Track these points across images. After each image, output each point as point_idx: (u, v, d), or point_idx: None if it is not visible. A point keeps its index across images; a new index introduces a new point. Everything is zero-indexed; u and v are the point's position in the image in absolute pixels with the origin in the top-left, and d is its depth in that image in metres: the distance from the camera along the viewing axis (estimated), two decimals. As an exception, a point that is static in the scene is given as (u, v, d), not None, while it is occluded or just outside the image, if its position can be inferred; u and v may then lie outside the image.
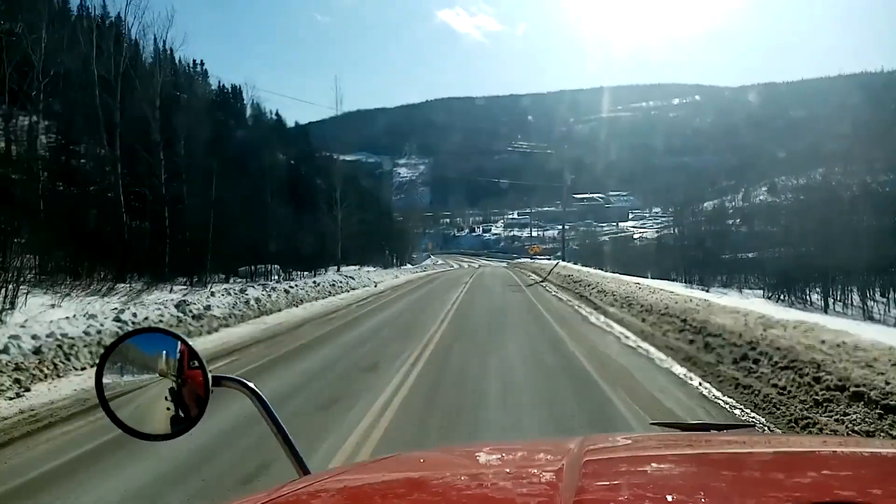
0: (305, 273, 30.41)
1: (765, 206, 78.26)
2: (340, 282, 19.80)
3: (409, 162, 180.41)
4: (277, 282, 24.43)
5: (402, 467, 1.06)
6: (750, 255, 41.34)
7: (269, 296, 13.60)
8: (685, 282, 27.79)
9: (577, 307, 13.97)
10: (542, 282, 23.98)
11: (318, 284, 17.57)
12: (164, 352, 1.05)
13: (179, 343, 1.06)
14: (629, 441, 1.22)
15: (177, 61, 34.90)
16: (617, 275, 20.50)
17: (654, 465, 0.92)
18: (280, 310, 13.05)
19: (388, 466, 1.07)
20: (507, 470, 0.95)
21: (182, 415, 1.03)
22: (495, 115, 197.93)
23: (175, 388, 1.03)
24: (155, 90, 22.38)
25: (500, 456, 1.10)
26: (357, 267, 37.20)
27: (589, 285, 17.01)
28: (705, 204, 75.71)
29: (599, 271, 22.51)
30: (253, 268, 27.15)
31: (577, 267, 26.66)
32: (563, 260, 33.09)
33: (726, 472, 0.84)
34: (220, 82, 47.20)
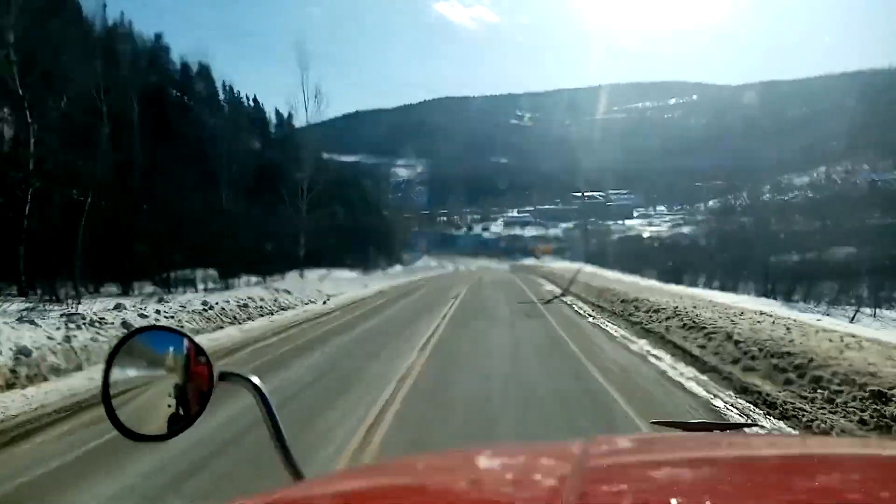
0: (253, 279, 23.77)
1: (781, 204, 72.46)
2: (261, 299, 12.85)
3: (407, 162, 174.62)
4: (206, 291, 17.82)
5: (399, 472, 0.99)
6: (808, 255, 34.49)
7: (49, 345, 6.75)
8: (768, 295, 20.79)
9: (660, 367, 7.11)
10: (563, 295, 17.11)
11: (211, 308, 10.67)
12: (171, 348, 1.03)
13: (185, 340, 1.04)
14: (633, 443, 1.16)
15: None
16: (684, 288, 13.64)
17: (658, 467, 0.89)
18: (47, 379, 6.17)
19: (384, 471, 1.04)
20: (509, 475, 0.90)
21: (182, 413, 1.01)
22: (492, 114, 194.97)
23: (180, 384, 1.02)
24: (7, 20, 15.54)
25: (501, 460, 1.01)
26: (326, 271, 30.47)
27: (656, 310, 10.15)
28: (710, 203, 69.26)
29: (654, 282, 15.60)
30: (174, 274, 20.30)
31: (611, 274, 19.70)
32: (586, 262, 26.05)
33: (733, 476, 0.81)
34: (182, 60, 40.67)
